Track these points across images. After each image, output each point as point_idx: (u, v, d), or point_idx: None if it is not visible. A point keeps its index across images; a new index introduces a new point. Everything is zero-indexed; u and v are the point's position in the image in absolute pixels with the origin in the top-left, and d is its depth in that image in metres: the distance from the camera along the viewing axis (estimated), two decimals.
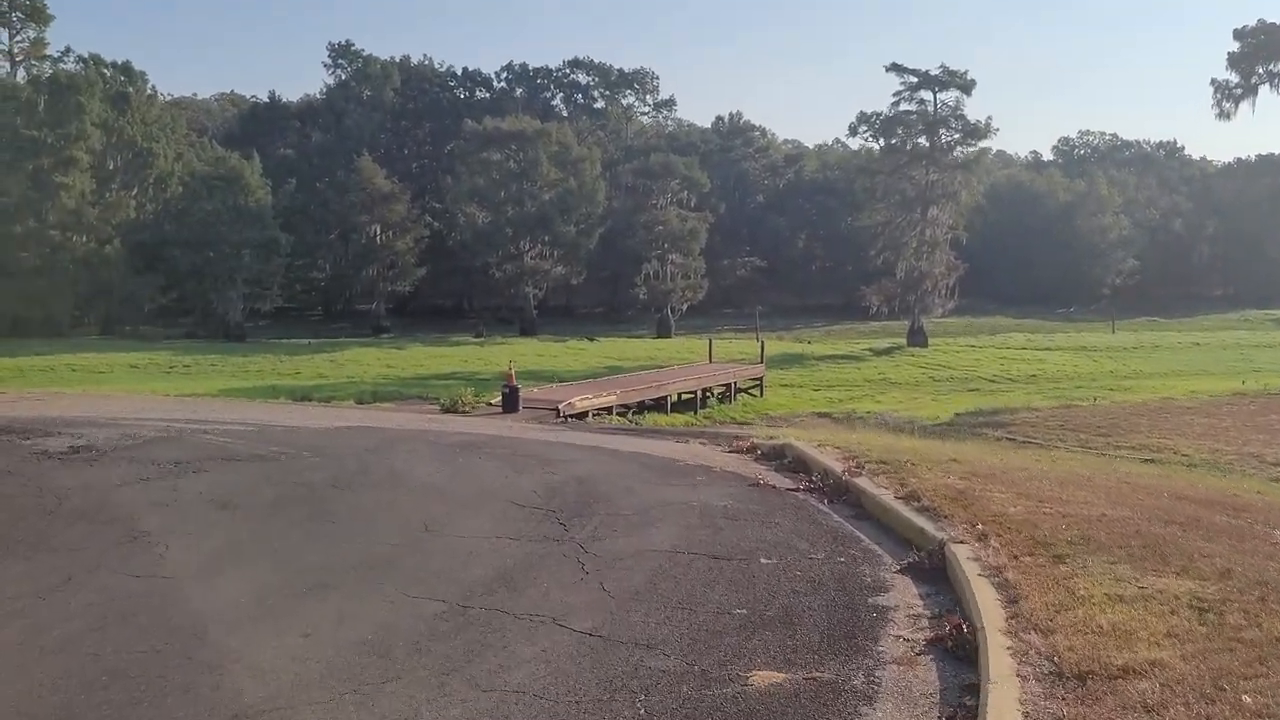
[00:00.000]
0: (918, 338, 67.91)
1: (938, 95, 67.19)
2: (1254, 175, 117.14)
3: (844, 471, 10.60)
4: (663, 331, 76.66)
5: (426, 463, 12.17)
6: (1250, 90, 47.13)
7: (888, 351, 65.53)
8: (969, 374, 56.70)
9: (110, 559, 7.87)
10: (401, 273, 77.95)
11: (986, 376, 55.68)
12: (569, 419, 29.36)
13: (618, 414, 33.01)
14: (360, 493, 9.98)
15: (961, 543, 7.33)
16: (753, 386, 44.52)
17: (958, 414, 28.92)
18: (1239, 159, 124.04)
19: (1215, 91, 47.73)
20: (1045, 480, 10.00)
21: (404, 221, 77.04)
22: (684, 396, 38.85)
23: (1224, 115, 47.62)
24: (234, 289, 67.19)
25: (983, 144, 67.28)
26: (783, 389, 47.70)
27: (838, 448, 12.51)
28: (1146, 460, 18.99)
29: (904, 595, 6.72)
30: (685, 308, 79.72)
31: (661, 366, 48.29)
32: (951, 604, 6.47)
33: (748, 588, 6.80)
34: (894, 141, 69.50)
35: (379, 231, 76.79)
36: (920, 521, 8.19)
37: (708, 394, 40.80)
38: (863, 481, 10.14)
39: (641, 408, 35.59)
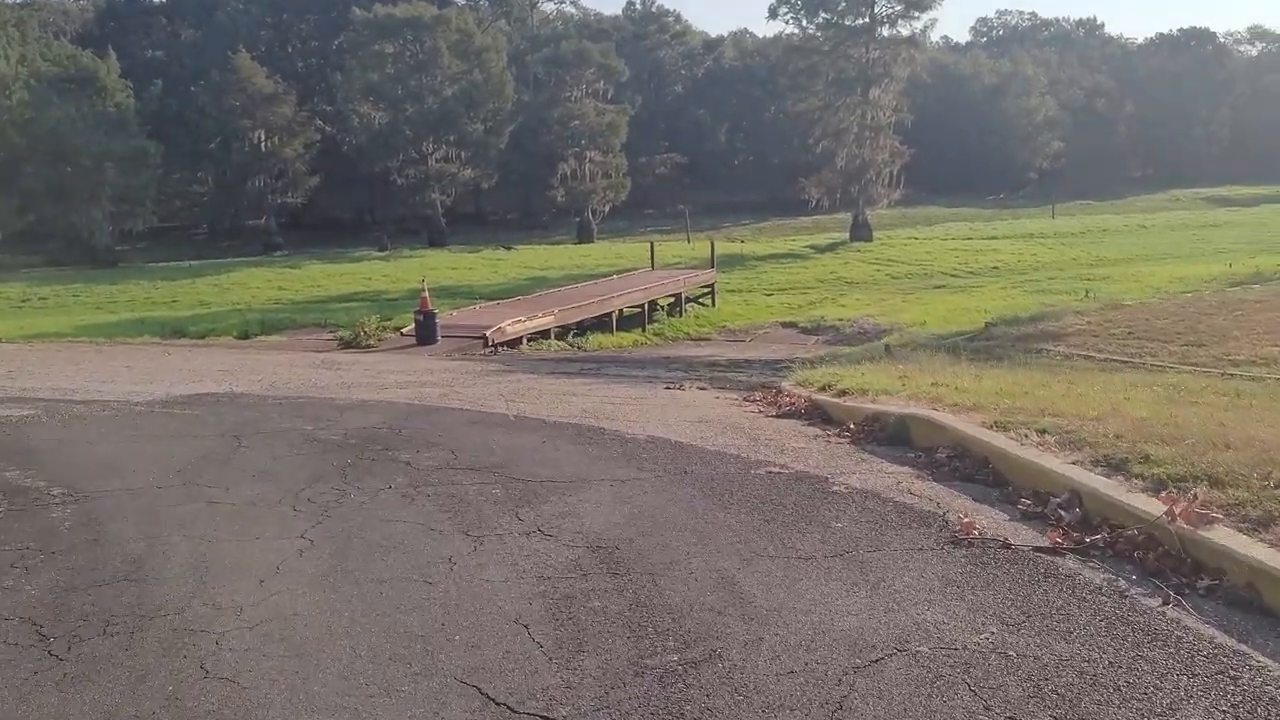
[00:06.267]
0: (862, 232, 62.75)
1: None
2: (1176, 51, 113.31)
3: (1167, 515, 5.05)
4: (584, 236, 70.51)
5: (283, 510, 6.28)
6: None
7: (831, 248, 60.54)
8: (926, 269, 51.97)
9: None
10: (292, 183, 70.17)
11: (946, 271, 51.04)
12: (499, 348, 23.83)
13: (556, 337, 27.38)
14: (84, 682, 4.01)
15: None
16: (704, 295, 38.96)
17: (989, 322, 23.73)
18: (1161, 34, 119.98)
19: None
20: None
21: (291, 125, 69.10)
22: (628, 312, 33.17)
23: None
24: (99, 208, 59.04)
25: (928, 15, 61.37)
26: (731, 295, 42.23)
27: (1042, 432, 6.94)
28: None
29: None
30: (607, 209, 73.51)
31: (593, 276, 42.41)
32: None
33: None
34: (827, 16, 63.19)
35: (263, 138, 68.82)
36: None
37: (654, 306, 35.19)
38: (1248, 549, 4.63)
39: (581, 328, 29.94)
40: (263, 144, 68.55)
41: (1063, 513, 5.72)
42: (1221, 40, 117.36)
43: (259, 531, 5.78)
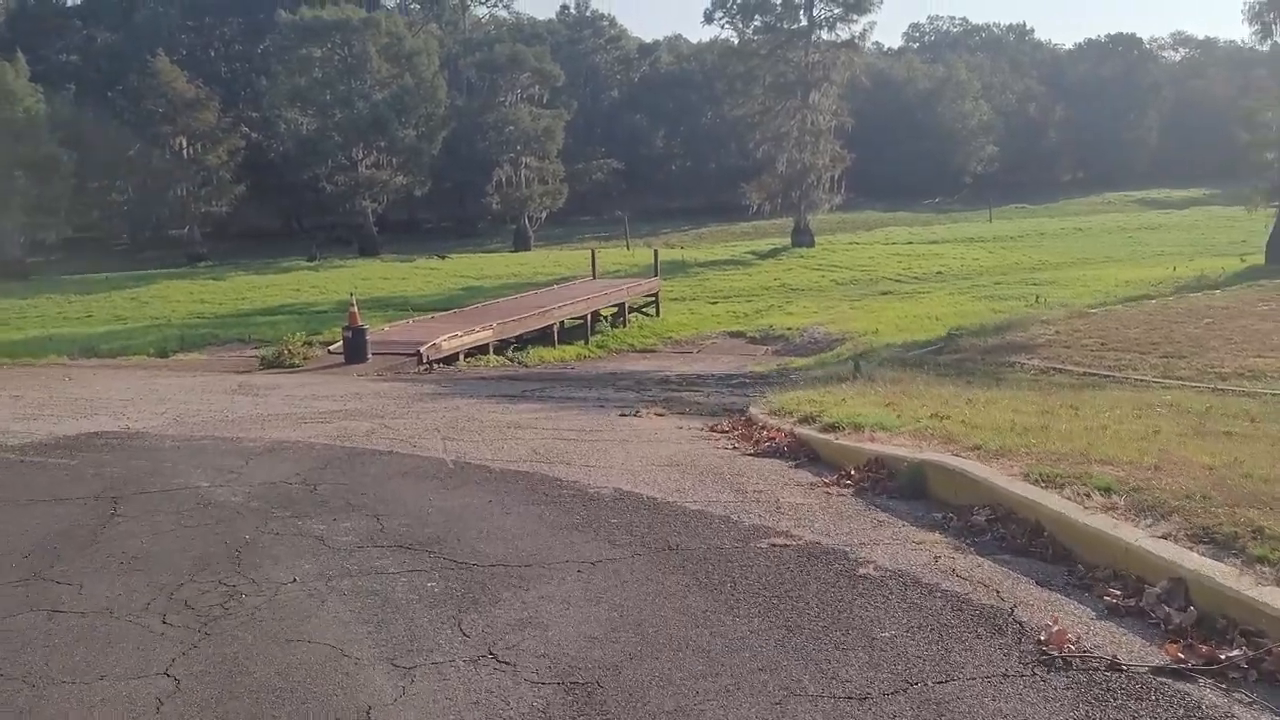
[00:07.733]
0: (803, 237, 61.85)
1: None
2: (1104, 56, 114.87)
3: None
4: (521, 244, 68.78)
5: (148, 624, 4.62)
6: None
7: (774, 254, 59.63)
8: (870, 274, 51.19)
9: None
10: (217, 191, 67.41)
11: (891, 276, 50.28)
12: (434, 365, 22.34)
13: (495, 352, 25.93)
14: None
15: None
16: (648, 304, 37.65)
17: (952, 331, 22.69)
18: (1089, 39, 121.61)
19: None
20: None
21: (215, 131, 66.36)
22: (570, 323, 31.76)
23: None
24: (9, 217, 56.24)
25: (866, 18, 60.80)
26: (675, 303, 40.94)
27: (1106, 490, 5.66)
28: None
29: None
30: (544, 216, 71.93)
31: (532, 285, 40.92)
32: None
33: None
34: (767, 19, 62.35)
35: (185, 144, 65.99)
36: None
37: (597, 317, 33.82)
38: None
39: (521, 342, 28.48)
40: (185, 151, 65.81)
41: (1169, 609, 4.44)
42: (1147, 46, 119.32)
43: (108, 665, 4.26)
